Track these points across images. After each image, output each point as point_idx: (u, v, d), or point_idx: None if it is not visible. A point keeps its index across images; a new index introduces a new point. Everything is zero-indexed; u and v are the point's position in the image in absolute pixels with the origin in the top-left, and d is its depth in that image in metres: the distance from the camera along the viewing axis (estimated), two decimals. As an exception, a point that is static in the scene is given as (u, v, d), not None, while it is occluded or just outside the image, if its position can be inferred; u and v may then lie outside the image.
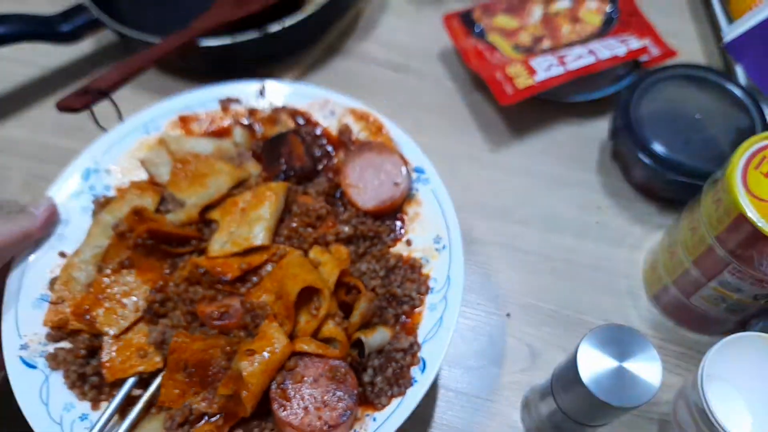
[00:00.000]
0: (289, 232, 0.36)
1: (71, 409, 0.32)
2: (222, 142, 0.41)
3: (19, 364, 0.33)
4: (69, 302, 0.35)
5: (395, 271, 0.37)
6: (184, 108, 0.42)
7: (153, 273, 0.35)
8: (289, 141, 0.39)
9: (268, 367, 0.31)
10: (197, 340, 0.32)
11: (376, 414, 0.32)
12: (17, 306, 0.35)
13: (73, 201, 0.38)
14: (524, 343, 0.46)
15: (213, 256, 0.35)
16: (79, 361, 0.34)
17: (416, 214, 0.39)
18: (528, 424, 0.42)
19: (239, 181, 0.39)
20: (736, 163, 0.36)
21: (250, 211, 0.36)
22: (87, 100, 0.44)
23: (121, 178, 0.40)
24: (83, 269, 0.36)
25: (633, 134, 0.49)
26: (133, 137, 0.41)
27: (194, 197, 0.38)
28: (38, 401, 0.32)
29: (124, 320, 0.34)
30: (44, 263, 0.36)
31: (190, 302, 0.34)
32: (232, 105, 0.42)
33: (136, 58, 0.48)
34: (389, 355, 0.34)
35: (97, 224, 0.37)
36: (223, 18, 0.54)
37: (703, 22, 0.63)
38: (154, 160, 0.40)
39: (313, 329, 0.33)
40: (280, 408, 0.31)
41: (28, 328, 0.34)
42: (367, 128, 0.41)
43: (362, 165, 0.38)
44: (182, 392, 0.32)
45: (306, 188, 0.39)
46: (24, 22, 0.54)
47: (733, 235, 0.36)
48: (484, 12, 0.60)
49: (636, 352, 0.31)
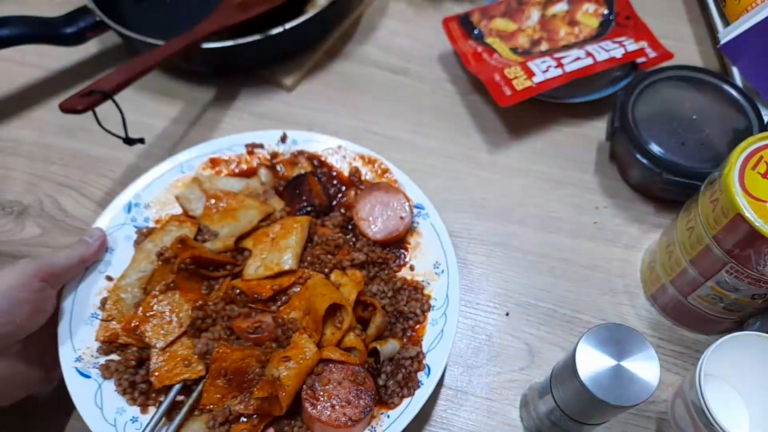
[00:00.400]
0: (313, 259, 0.42)
1: (123, 413, 0.37)
2: (249, 181, 0.47)
3: (75, 374, 0.38)
4: (118, 320, 0.40)
5: (401, 292, 0.43)
6: (214, 151, 0.48)
7: (193, 293, 0.40)
8: (307, 181, 0.46)
9: (300, 371, 0.36)
10: (236, 351, 0.37)
11: (389, 412, 0.38)
12: (71, 323, 0.39)
13: (117, 231, 0.44)
14: (523, 342, 0.46)
15: (248, 278, 0.40)
16: (129, 370, 0.38)
17: (417, 244, 0.45)
18: (527, 422, 0.42)
19: (266, 214, 0.44)
20: (734, 163, 0.37)
21: (279, 240, 0.42)
22: (90, 102, 0.44)
23: (158, 212, 0.45)
24: (129, 291, 0.41)
25: (630, 135, 0.50)
26: (169, 176, 0.47)
27: (226, 228, 0.44)
28: (94, 406, 0.37)
29: (170, 334, 0.39)
30: (93, 286, 0.41)
31: (227, 318, 0.39)
32: (256, 149, 0.49)
33: (139, 60, 0.49)
34: (399, 362, 0.39)
35: (141, 251, 0.42)
36: (226, 21, 0.54)
37: (700, 24, 0.64)
38: (188, 196, 0.46)
39: (337, 340, 0.38)
40: (311, 406, 0.36)
41: (81, 343, 0.39)
42: (373, 171, 0.48)
43: (372, 202, 0.45)
44: (222, 396, 0.37)
45: (323, 221, 0.45)
46: (28, 24, 0.54)
47: (731, 235, 0.37)
48: (482, 15, 0.61)
49: (634, 351, 0.32)
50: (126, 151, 0.55)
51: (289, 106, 0.58)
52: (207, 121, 0.57)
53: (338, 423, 0.35)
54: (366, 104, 0.58)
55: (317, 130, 0.56)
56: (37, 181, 0.53)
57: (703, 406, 0.36)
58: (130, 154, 0.55)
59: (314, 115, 0.58)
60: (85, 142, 0.56)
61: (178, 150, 0.55)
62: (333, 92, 0.59)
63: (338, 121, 0.57)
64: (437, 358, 0.40)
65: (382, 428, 0.37)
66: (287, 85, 0.59)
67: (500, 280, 0.49)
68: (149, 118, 0.57)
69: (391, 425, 0.37)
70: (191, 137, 0.56)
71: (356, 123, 0.57)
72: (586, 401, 0.32)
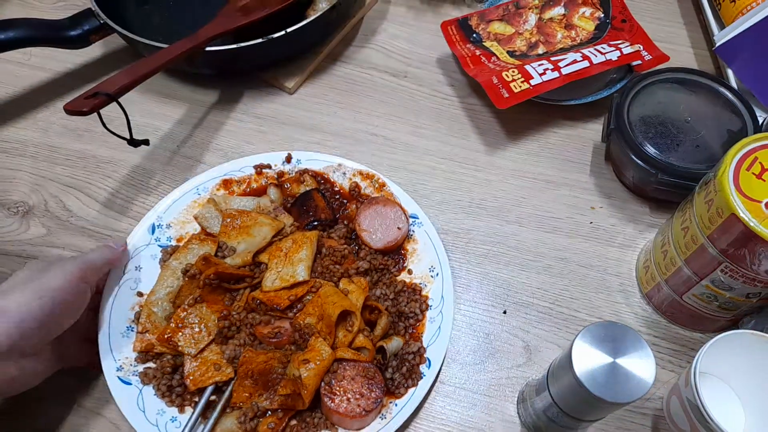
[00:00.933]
0: (322, 269, 0.46)
1: (163, 414, 0.41)
2: (260, 200, 0.51)
3: (117, 381, 0.42)
4: (151, 331, 0.44)
5: (402, 294, 0.46)
6: (226, 173, 0.52)
7: (218, 305, 0.44)
8: (313, 197, 0.50)
9: (318, 371, 0.40)
10: (260, 354, 0.42)
11: (397, 401, 0.42)
12: (110, 337, 0.43)
13: (143, 251, 0.47)
14: (520, 339, 0.47)
15: (266, 290, 0.44)
16: (166, 376, 0.42)
17: (414, 250, 0.49)
18: (524, 418, 0.43)
19: (278, 230, 0.48)
20: (728, 164, 0.37)
21: (292, 254, 0.46)
22: (95, 104, 0.45)
23: (179, 231, 0.49)
24: (160, 305, 0.45)
25: (626, 136, 0.50)
26: (187, 198, 0.50)
27: (243, 244, 0.47)
28: (137, 409, 0.41)
29: (201, 342, 0.43)
30: (126, 301, 0.45)
31: (250, 326, 0.43)
32: (264, 169, 0.52)
33: (143, 63, 0.49)
34: (403, 357, 0.43)
35: (167, 269, 0.46)
36: (229, 25, 0.55)
37: (696, 27, 0.65)
38: (206, 215, 0.50)
39: (349, 341, 0.42)
40: (329, 400, 0.40)
41: (121, 354, 0.43)
42: (372, 185, 0.52)
43: (372, 215, 0.49)
44: (250, 394, 0.41)
45: (329, 234, 0.49)
46: (33, 26, 0.55)
47: (725, 235, 0.37)
48: (480, 19, 0.62)
49: (630, 348, 0.32)
50: (130, 153, 0.55)
51: (291, 109, 0.59)
52: (210, 123, 0.58)
53: (354, 414, 0.40)
54: (366, 106, 0.59)
55: (318, 131, 0.57)
56: (42, 181, 0.54)
57: (698, 403, 0.36)
58: (135, 155, 0.55)
59: (315, 117, 0.58)
60: (90, 143, 0.56)
61: (183, 151, 0.56)
62: (334, 95, 0.60)
63: (339, 123, 0.58)
64: (437, 352, 0.44)
65: (391, 415, 0.42)
66: (289, 87, 0.59)
67: (498, 279, 0.49)
68: (153, 119, 0.58)
69: (399, 412, 0.42)
70: (195, 139, 0.57)
71: (356, 125, 0.58)
72: (583, 398, 0.32)
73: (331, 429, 0.41)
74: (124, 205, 0.53)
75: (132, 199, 0.53)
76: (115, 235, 0.51)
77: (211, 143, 0.57)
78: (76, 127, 0.57)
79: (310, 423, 0.41)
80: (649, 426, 0.43)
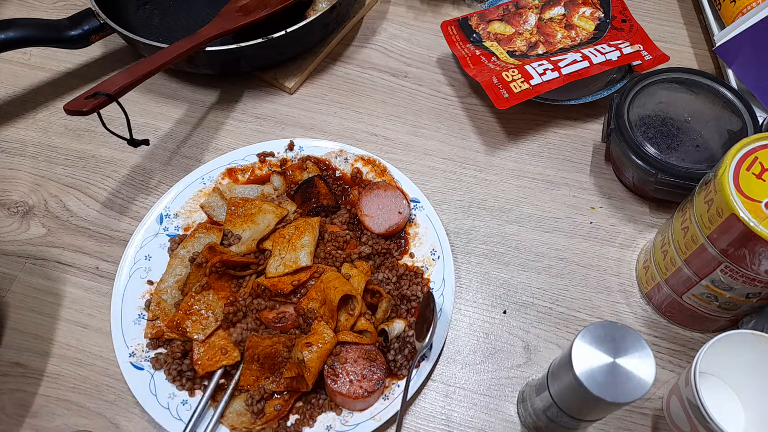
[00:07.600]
0: (325, 254, 0.46)
1: (174, 397, 0.42)
2: (264, 187, 0.52)
3: (130, 367, 0.43)
4: (161, 318, 0.45)
5: (403, 278, 0.47)
6: (230, 162, 0.53)
7: (224, 292, 0.45)
8: (315, 183, 0.50)
9: (321, 354, 0.41)
10: (266, 339, 0.43)
11: (399, 382, 0.43)
12: (122, 324, 0.45)
13: (152, 240, 0.49)
14: (520, 339, 0.47)
15: (270, 276, 0.45)
16: (176, 361, 0.44)
17: (415, 234, 0.50)
18: (524, 418, 0.43)
19: (282, 217, 0.49)
20: (729, 164, 0.37)
21: (295, 240, 0.46)
22: (95, 104, 0.45)
23: (186, 220, 0.50)
24: (169, 293, 0.46)
25: (626, 136, 0.50)
26: (193, 187, 0.52)
27: (248, 231, 0.48)
28: (149, 393, 0.42)
29: (208, 328, 0.44)
30: (137, 290, 0.47)
31: (255, 311, 0.44)
32: (267, 157, 0.53)
33: (143, 63, 0.49)
34: (405, 339, 0.44)
35: (175, 257, 0.47)
36: (229, 25, 0.55)
37: (695, 27, 0.65)
38: (212, 204, 0.51)
39: (351, 324, 0.43)
40: (332, 382, 0.41)
41: (132, 340, 0.44)
42: (373, 170, 0.52)
43: (373, 200, 0.49)
44: (257, 377, 0.43)
45: (332, 219, 0.49)
46: (33, 26, 0.55)
47: (725, 235, 0.37)
48: (480, 19, 0.62)
49: (630, 348, 0.32)
50: (130, 153, 0.55)
51: (291, 109, 0.59)
52: (210, 122, 0.58)
53: (356, 395, 0.41)
54: (366, 107, 0.59)
55: (318, 131, 0.57)
56: (42, 181, 0.54)
57: (698, 403, 0.36)
58: (135, 155, 0.56)
59: (315, 117, 0.58)
60: (90, 143, 0.56)
61: (183, 151, 0.56)
62: (334, 95, 0.60)
63: (339, 123, 0.58)
64: (438, 334, 0.44)
65: (393, 396, 0.43)
66: (289, 87, 0.59)
67: (498, 279, 0.49)
68: (153, 119, 0.58)
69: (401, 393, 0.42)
70: (195, 139, 0.57)
71: (357, 125, 0.58)
72: (583, 398, 0.32)
73: (335, 410, 0.42)
74: (124, 205, 0.53)
75: (132, 199, 0.53)
76: (114, 235, 0.51)
77: (211, 143, 0.57)
78: (76, 127, 0.57)
79: (315, 404, 0.42)
80: (649, 426, 0.43)
